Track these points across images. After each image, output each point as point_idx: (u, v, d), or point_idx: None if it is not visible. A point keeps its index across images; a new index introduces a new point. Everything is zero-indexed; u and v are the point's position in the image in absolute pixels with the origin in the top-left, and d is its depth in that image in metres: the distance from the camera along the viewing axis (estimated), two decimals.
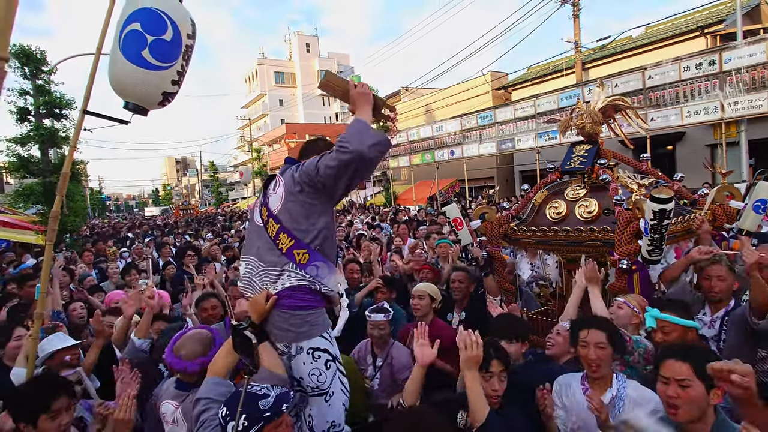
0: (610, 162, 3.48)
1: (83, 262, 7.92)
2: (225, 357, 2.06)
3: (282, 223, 2.08)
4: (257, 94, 49.70)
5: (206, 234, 13.66)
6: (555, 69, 18.79)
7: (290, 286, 2.06)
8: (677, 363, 1.79)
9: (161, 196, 71.04)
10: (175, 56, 2.58)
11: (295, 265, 2.06)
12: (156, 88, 2.56)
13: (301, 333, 2.07)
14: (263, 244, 2.16)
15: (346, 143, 1.90)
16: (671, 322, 2.41)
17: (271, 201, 2.16)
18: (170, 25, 2.50)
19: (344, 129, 2.06)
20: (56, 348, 2.96)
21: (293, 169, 2.14)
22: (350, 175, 1.98)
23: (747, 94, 10.53)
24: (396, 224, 9.28)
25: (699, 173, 9.39)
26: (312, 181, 2.01)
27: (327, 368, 2.11)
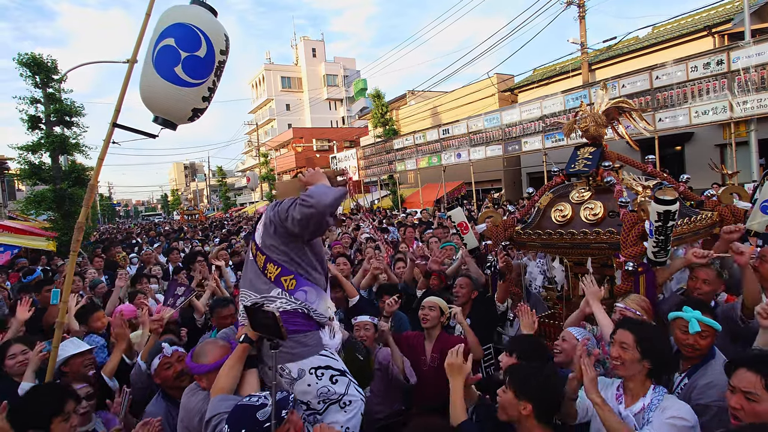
0: (614, 164, 3.48)
1: (94, 267, 8.01)
2: (228, 374, 2.08)
3: (267, 254, 2.21)
4: (264, 99, 50.05)
5: (214, 238, 13.77)
6: (561, 70, 18.71)
7: (284, 310, 2.15)
8: (748, 373, 1.70)
9: (170, 202, 71.61)
10: (208, 73, 2.56)
11: (284, 291, 2.17)
12: (186, 105, 2.56)
13: (296, 354, 2.14)
14: (254, 275, 2.28)
15: (308, 199, 2.05)
16: (709, 326, 2.30)
17: (257, 233, 2.32)
18: (204, 42, 2.48)
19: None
20: (70, 353, 3.00)
21: (271, 207, 2.28)
22: (313, 227, 2.12)
23: (756, 93, 10.43)
24: (403, 227, 9.29)
25: (708, 174, 9.30)
26: (282, 224, 2.14)
27: (334, 383, 2.16)
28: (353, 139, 35.54)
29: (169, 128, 2.63)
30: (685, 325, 2.32)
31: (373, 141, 26.08)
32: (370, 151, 25.08)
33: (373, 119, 26.13)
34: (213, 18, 2.57)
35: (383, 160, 23.66)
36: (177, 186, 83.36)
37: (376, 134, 26.23)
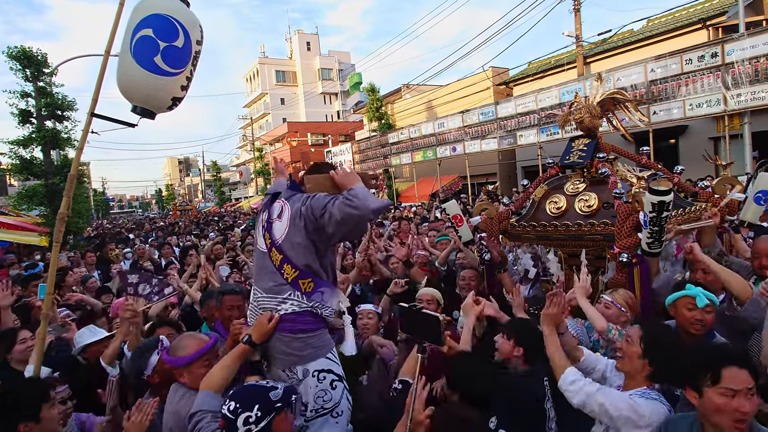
0: (609, 156, 3.47)
1: (86, 263, 7.96)
2: (222, 370, 2.04)
3: (286, 254, 2.11)
4: (259, 93, 49.73)
5: (209, 233, 13.71)
6: (556, 64, 18.68)
7: (293, 311, 2.10)
8: (741, 371, 1.60)
9: (164, 197, 71.24)
10: (186, 62, 2.61)
11: (301, 294, 2.10)
12: (167, 93, 2.60)
13: (305, 356, 2.10)
14: (267, 271, 2.19)
15: (355, 199, 1.94)
16: (715, 305, 2.38)
17: (275, 228, 2.18)
18: (182, 32, 2.53)
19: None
20: (87, 342, 3.06)
21: (301, 200, 2.14)
22: (350, 229, 2.04)
23: (750, 86, 10.45)
24: (398, 221, 9.28)
25: (702, 166, 9.32)
26: (316, 221, 2.04)
27: (333, 388, 2.14)
28: (348, 133, 35.38)
29: (148, 117, 2.64)
30: (692, 302, 2.35)
31: (368, 135, 26.00)
32: (365, 145, 25.01)
33: (368, 113, 26.03)
34: (187, 9, 2.61)
35: (378, 154, 23.60)
36: (171, 181, 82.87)
37: (371, 128, 26.15)
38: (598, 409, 1.95)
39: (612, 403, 1.91)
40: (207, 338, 2.29)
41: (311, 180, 2.22)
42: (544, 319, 2.23)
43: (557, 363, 2.12)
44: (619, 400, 1.92)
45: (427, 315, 1.88)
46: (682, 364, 2.01)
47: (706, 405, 1.63)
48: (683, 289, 2.43)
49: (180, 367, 2.18)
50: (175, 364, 2.20)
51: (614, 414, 1.89)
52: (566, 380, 2.05)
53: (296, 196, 2.19)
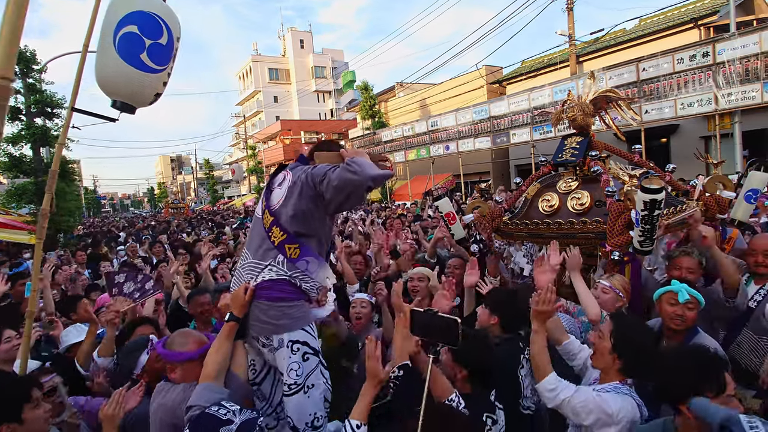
0: (601, 154, 3.47)
1: (76, 262, 7.87)
2: (217, 355, 2.01)
3: (277, 218, 2.13)
4: (252, 90, 49.48)
5: (201, 231, 13.62)
6: (549, 62, 18.74)
7: (269, 279, 2.10)
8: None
9: (157, 195, 70.76)
10: (169, 59, 2.67)
11: (285, 259, 2.10)
12: (151, 90, 2.65)
13: (281, 326, 2.09)
14: (257, 234, 2.22)
15: (354, 165, 1.95)
16: (695, 298, 2.39)
17: (273, 195, 2.21)
18: (165, 29, 2.59)
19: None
20: (73, 341, 3.03)
21: (303, 169, 2.17)
22: (346, 195, 2.03)
23: (741, 86, 10.54)
24: (389, 219, 9.26)
25: (693, 165, 9.39)
26: (315, 187, 2.05)
27: (305, 360, 2.11)
28: (342, 131, 35.31)
29: (128, 112, 2.66)
30: (674, 297, 2.39)
31: (362, 133, 25.97)
32: (359, 143, 24.96)
33: (362, 111, 26.00)
34: (166, 5, 2.65)
35: (372, 152, 23.57)
36: (164, 179, 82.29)
37: (364, 126, 26.11)
38: (572, 414, 2.00)
39: (584, 407, 1.94)
40: (206, 338, 2.26)
41: (320, 156, 2.23)
42: (534, 316, 2.22)
43: (540, 365, 2.12)
44: (589, 403, 1.95)
45: (444, 318, 1.87)
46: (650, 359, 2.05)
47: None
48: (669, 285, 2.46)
49: (176, 362, 2.15)
50: (173, 358, 2.15)
51: (585, 418, 1.95)
52: (545, 387, 2.07)
53: (300, 167, 2.22)
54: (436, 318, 1.90)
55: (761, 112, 11.20)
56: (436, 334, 1.90)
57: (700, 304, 2.41)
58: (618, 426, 1.90)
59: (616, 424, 1.90)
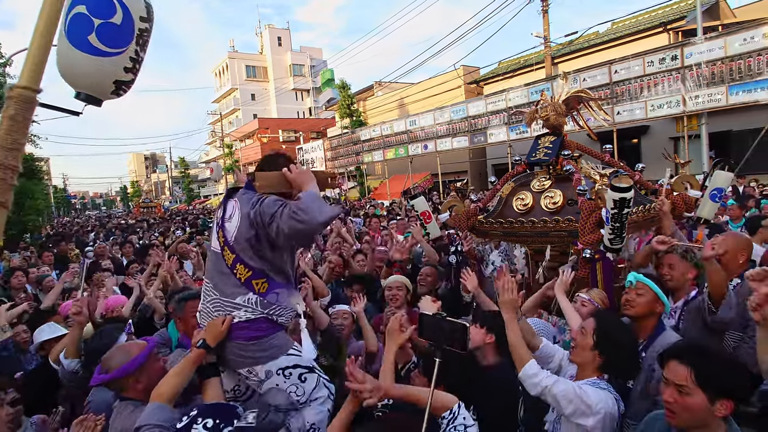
0: (573, 153, 3.52)
1: (43, 263, 7.61)
2: (175, 378, 1.92)
3: (238, 254, 2.05)
4: (228, 88, 48.70)
5: (175, 231, 13.30)
6: (525, 63, 19.02)
7: (246, 319, 2.04)
8: (678, 366, 1.67)
9: (130, 194, 69.02)
10: (127, 41, 2.37)
11: (256, 297, 2.05)
12: (107, 76, 2.37)
13: (262, 357, 2.05)
14: (220, 271, 2.12)
15: (302, 213, 1.86)
16: (648, 287, 2.41)
17: (227, 229, 2.11)
18: (119, 7, 2.29)
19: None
20: (45, 338, 3.01)
21: (251, 203, 2.04)
22: (297, 240, 2.04)
23: (707, 88, 10.89)
24: (369, 218, 9.25)
25: (663, 165, 9.61)
26: (264, 228, 1.97)
27: (303, 381, 2.10)
28: (320, 130, 35.10)
29: (94, 104, 2.43)
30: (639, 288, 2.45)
31: (340, 132, 25.87)
32: (337, 142, 24.88)
33: (340, 110, 25.89)
34: None
35: (350, 151, 23.53)
36: (137, 177, 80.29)
37: (343, 125, 26.02)
38: (552, 401, 2.03)
39: (564, 396, 1.97)
40: (143, 344, 2.14)
41: (262, 178, 2.11)
42: (502, 306, 2.24)
43: (519, 353, 2.14)
44: (570, 392, 1.98)
45: (453, 323, 1.82)
46: (629, 357, 2.15)
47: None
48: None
49: (131, 373, 2.01)
50: (127, 371, 2.00)
51: (565, 406, 1.98)
52: (527, 373, 2.08)
53: (247, 196, 2.11)
54: (445, 322, 1.85)
55: (726, 114, 11.61)
56: (444, 339, 1.84)
57: (657, 294, 2.41)
58: (596, 417, 1.94)
59: (594, 415, 1.94)
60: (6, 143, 0.87)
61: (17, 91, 0.88)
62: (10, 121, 0.87)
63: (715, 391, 1.58)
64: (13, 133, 0.86)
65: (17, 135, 0.88)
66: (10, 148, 0.88)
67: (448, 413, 1.81)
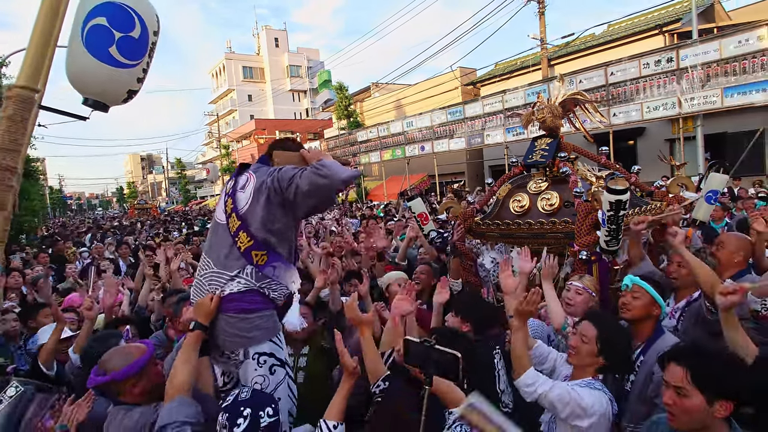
0: (570, 155, 3.54)
1: (39, 263, 7.58)
2: (185, 366, 1.89)
3: (244, 222, 2.04)
4: (225, 89, 48.63)
5: (173, 233, 13.28)
6: (522, 65, 19.07)
7: (238, 291, 2.03)
8: (675, 367, 1.67)
9: (126, 195, 68.76)
10: (142, 54, 2.51)
11: (252, 268, 2.04)
12: (122, 86, 2.49)
13: (251, 338, 2.04)
14: (220, 241, 2.11)
15: (323, 168, 1.90)
16: (644, 290, 2.39)
17: (238, 197, 2.10)
18: (138, 22, 2.43)
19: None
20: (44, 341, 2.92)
21: (267, 172, 2.07)
22: (317, 200, 1.99)
23: (702, 90, 10.95)
24: (366, 219, 9.25)
25: (659, 167, 9.72)
26: (282, 193, 1.97)
27: (272, 373, 2.08)
28: (317, 131, 35.08)
29: (101, 110, 2.51)
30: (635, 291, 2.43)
31: (337, 133, 25.86)
32: (334, 143, 24.85)
33: (337, 111, 25.89)
34: None
35: (347, 152, 23.50)
36: (134, 178, 80.00)
37: (340, 126, 26.02)
38: (548, 406, 2.07)
39: (560, 401, 2.01)
40: (143, 347, 2.10)
41: (280, 155, 2.15)
42: (517, 314, 2.24)
43: (521, 361, 2.15)
44: (566, 396, 2.01)
45: (444, 352, 1.69)
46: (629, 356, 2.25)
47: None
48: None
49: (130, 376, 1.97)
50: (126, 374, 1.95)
51: (561, 409, 2.01)
52: (524, 382, 2.10)
53: (263, 169, 2.12)
54: (434, 351, 1.72)
55: (722, 116, 11.67)
56: (433, 368, 1.72)
57: (654, 297, 2.39)
58: (591, 419, 1.98)
59: (589, 417, 1.98)
60: (4, 143, 0.87)
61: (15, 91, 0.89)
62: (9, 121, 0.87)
63: (713, 392, 1.57)
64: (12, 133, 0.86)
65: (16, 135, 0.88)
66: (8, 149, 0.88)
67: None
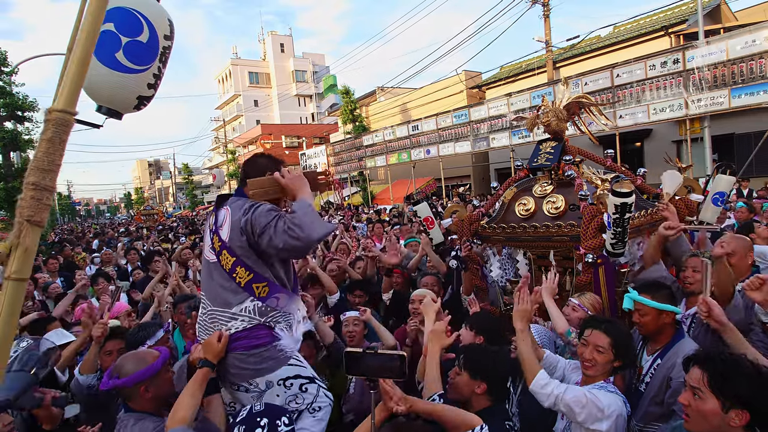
0: (575, 158, 3.54)
1: (48, 269, 7.65)
2: (188, 402, 1.88)
3: (238, 256, 2.00)
4: (231, 94, 48.96)
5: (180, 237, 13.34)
6: (527, 68, 19.06)
7: (243, 329, 2.01)
8: (696, 369, 1.68)
9: (134, 200, 69.33)
10: (152, 59, 2.45)
11: (254, 303, 2.01)
12: (131, 92, 2.44)
13: (262, 369, 2.02)
14: (216, 279, 2.07)
15: (298, 230, 1.84)
16: (645, 305, 2.39)
17: (222, 232, 2.07)
18: (146, 26, 2.37)
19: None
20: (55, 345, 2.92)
21: (242, 210, 2.00)
22: (290, 255, 2.01)
23: (709, 91, 10.88)
24: (371, 224, 9.27)
25: (666, 169, 9.63)
26: (254, 237, 1.94)
27: (304, 391, 2.10)
28: (323, 135, 35.21)
29: (114, 117, 2.49)
30: (639, 308, 2.42)
31: (343, 137, 25.94)
32: (340, 147, 24.93)
33: (343, 115, 25.98)
34: (155, 2, 2.47)
35: (353, 156, 23.56)
36: (141, 184, 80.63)
37: (345, 131, 26.09)
38: (566, 410, 2.05)
39: (577, 403, 2.00)
40: (156, 353, 2.13)
41: (254, 184, 2.08)
42: (516, 316, 2.26)
43: (529, 364, 2.16)
44: (582, 398, 2.01)
45: (387, 355, 1.76)
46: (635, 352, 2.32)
47: None
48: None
49: (144, 380, 2.00)
50: (139, 378, 1.98)
51: (578, 413, 2.00)
52: (538, 384, 2.10)
53: (238, 203, 2.06)
54: (377, 357, 1.77)
55: (729, 117, 11.59)
56: (377, 372, 1.78)
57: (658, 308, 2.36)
58: (609, 420, 1.98)
59: (608, 418, 1.97)
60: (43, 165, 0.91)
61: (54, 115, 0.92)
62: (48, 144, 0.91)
63: (729, 399, 1.55)
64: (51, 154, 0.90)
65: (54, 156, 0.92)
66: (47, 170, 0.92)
67: None
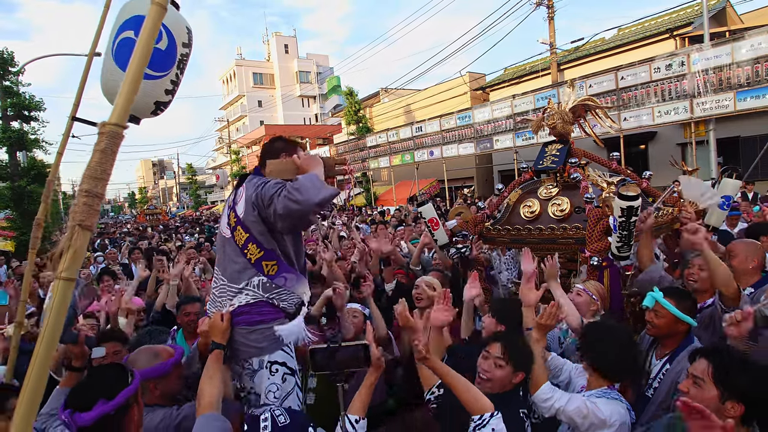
0: (580, 161, 3.55)
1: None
2: (211, 385, 1.89)
3: (251, 232, 2.06)
4: (235, 95, 49.11)
5: (185, 236, 13.42)
6: (531, 70, 19.03)
7: (246, 303, 2.07)
8: (702, 360, 1.73)
9: (138, 200, 69.59)
10: (170, 65, 2.52)
11: (261, 279, 2.07)
12: (149, 98, 2.50)
13: (263, 348, 2.07)
14: (228, 254, 2.14)
15: (296, 193, 1.87)
16: (666, 309, 2.33)
17: (238, 208, 2.14)
18: (165, 34, 2.45)
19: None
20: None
21: (254, 184, 2.08)
22: (292, 222, 2.00)
23: (714, 95, 10.85)
24: (375, 225, 9.28)
25: (670, 171, 9.61)
26: (265, 210, 2.00)
27: (283, 381, 2.11)
28: (326, 136, 35.26)
29: (133, 122, 2.55)
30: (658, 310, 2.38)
31: (347, 138, 25.97)
32: (344, 148, 24.96)
33: (347, 116, 26.03)
34: (174, 10, 2.52)
35: (357, 157, 23.58)
36: (145, 184, 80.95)
37: (349, 132, 26.13)
38: (567, 420, 2.06)
39: (578, 414, 2.00)
40: (171, 350, 2.17)
41: (272, 164, 2.16)
42: (537, 327, 2.26)
43: (536, 374, 2.14)
44: (583, 409, 2.00)
45: (350, 347, 1.83)
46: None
47: None
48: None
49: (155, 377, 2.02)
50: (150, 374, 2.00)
51: (580, 423, 2.01)
52: (540, 397, 2.10)
53: (254, 180, 2.12)
54: (341, 350, 1.84)
55: (734, 120, 11.55)
56: (342, 365, 1.84)
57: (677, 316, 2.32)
58: (611, 429, 1.97)
59: (609, 427, 1.97)
60: (96, 173, 0.96)
61: (108, 128, 0.99)
62: (101, 154, 0.97)
63: (728, 391, 1.63)
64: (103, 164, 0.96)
65: (105, 166, 0.98)
66: (98, 178, 0.98)
67: (478, 417, 1.82)
